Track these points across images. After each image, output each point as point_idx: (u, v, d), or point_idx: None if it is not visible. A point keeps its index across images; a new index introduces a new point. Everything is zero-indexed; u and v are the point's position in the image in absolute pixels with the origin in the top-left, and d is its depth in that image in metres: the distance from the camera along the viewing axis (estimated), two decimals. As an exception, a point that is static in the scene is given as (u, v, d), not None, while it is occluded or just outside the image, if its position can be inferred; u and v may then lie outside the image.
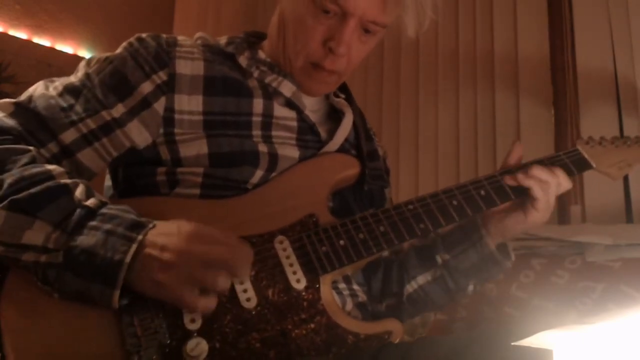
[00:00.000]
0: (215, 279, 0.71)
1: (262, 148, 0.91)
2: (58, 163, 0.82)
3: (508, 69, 2.14)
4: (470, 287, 1.01)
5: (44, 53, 2.80)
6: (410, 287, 1.03)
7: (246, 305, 0.78)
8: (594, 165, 1.00)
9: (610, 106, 1.87)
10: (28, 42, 2.78)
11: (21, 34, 2.77)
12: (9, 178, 0.74)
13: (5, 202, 0.72)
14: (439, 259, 1.01)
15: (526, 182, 0.94)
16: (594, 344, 0.52)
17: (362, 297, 0.98)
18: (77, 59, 2.90)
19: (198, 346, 0.73)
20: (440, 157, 2.28)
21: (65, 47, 2.90)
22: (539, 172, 0.95)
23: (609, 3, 1.91)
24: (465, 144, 2.22)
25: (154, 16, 3.14)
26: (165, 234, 0.72)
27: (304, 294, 0.81)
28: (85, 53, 2.95)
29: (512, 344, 0.55)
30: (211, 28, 2.95)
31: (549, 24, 2.06)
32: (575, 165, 1.00)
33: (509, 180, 0.95)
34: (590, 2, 1.95)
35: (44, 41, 2.83)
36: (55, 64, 2.80)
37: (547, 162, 0.98)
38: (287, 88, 0.97)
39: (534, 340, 0.53)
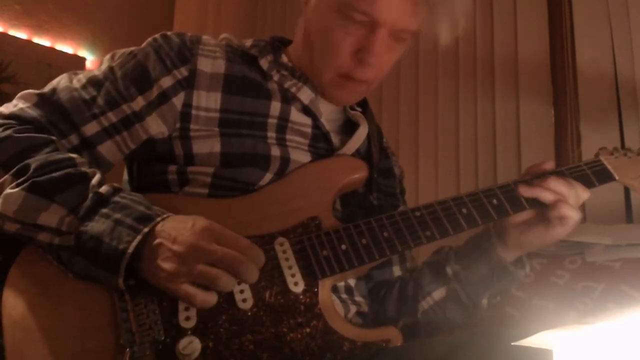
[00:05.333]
0: (217, 278, 0.72)
1: (275, 151, 0.91)
2: (78, 154, 0.84)
3: (508, 70, 2.14)
4: (485, 302, 0.97)
5: (44, 53, 2.80)
6: (425, 304, 0.99)
7: (242, 306, 0.78)
8: (617, 178, 0.96)
9: (610, 106, 1.87)
10: (28, 42, 2.78)
11: (21, 34, 2.77)
12: (34, 163, 0.77)
13: (26, 184, 0.75)
14: (449, 271, 0.97)
15: (543, 194, 0.90)
16: (594, 344, 0.52)
17: (364, 307, 0.97)
18: (77, 59, 2.90)
19: (190, 345, 0.74)
20: (440, 158, 2.28)
21: (65, 47, 2.89)
22: (556, 184, 0.90)
23: (609, 3, 1.91)
24: (465, 145, 2.22)
25: (154, 16, 3.13)
26: (179, 227, 0.74)
27: (301, 297, 0.80)
28: (85, 53, 2.94)
29: (512, 344, 0.55)
30: (211, 28, 2.94)
31: (549, 24, 2.05)
32: (597, 177, 0.95)
33: (524, 191, 0.91)
34: (591, 2, 1.95)
35: (44, 41, 2.83)
36: (55, 64, 2.80)
37: (567, 173, 0.94)
38: (305, 95, 0.97)
39: (534, 340, 0.53)
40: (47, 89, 0.89)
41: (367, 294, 1.01)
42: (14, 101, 0.88)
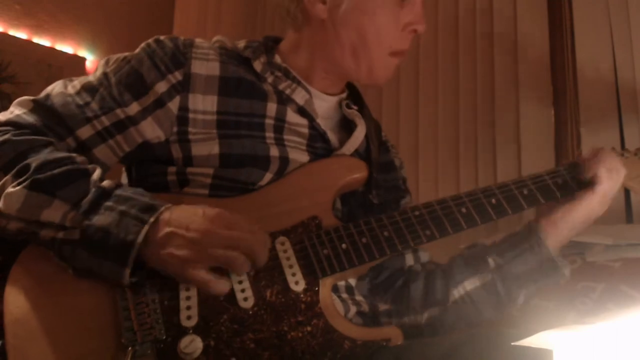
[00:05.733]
0: (234, 260, 0.74)
1: (274, 151, 0.92)
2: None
3: (508, 70, 2.14)
4: (521, 298, 0.96)
5: (44, 53, 2.80)
6: (456, 293, 0.98)
7: (243, 305, 0.78)
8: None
9: (610, 106, 1.87)
10: (28, 42, 2.77)
11: (21, 34, 2.76)
12: (34, 162, 0.78)
13: (27, 182, 0.76)
14: (491, 262, 0.96)
15: (594, 165, 0.93)
16: (594, 344, 0.52)
17: (365, 307, 0.97)
18: (77, 59, 2.90)
19: (192, 343, 0.74)
20: (440, 158, 2.28)
21: (65, 47, 2.89)
22: (607, 157, 0.94)
23: (609, 4, 1.91)
24: (465, 145, 2.22)
25: (154, 16, 3.13)
26: (189, 215, 0.76)
27: (302, 296, 0.81)
28: (85, 53, 2.94)
29: (512, 344, 0.55)
30: (211, 28, 2.94)
31: (549, 25, 2.06)
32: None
33: (576, 167, 0.94)
34: (591, 3, 1.95)
35: (44, 41, 2.83)
36: (55, 64, 2.79)
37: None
38: (300, 96, 0.98)
39: (534, 340, 0.53)
40: (41, 95, 0.90)
41: (368, 293, 1.01)
42: (10, 108, 0.89)
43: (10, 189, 0.77)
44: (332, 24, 0.97)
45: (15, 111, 0.88)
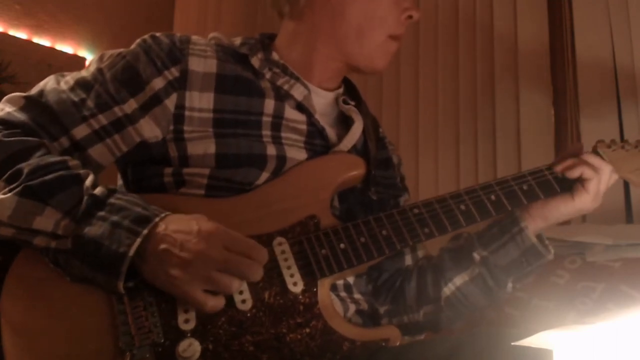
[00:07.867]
0: (229, 284, 0.73)
1: (271, 150, 0.91)
2: (69, 156, 0.83)
3: (508, 69, 2.14)
4: (510, 285, 0.97)
5: (44, 53, 2.79)
6: (447, 290, 0.99)
7: (241, 307, 0.78)
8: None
9: (610, 104, 1.87)
10: (28, 42, 2.77)
11: (21, 34, 2.76)
12: (27, 167, 0.76)
13: (19, 188, 0.75)
14: (476, 256, 0.97)
15: (577, 166, 0.92)
16: (594, 344, 0.52)
17: (363, 305, 0.97)
18: (77, 59, 2.90)
19: (190, 347, 0.74)
20: (440, 158, 2.28)
21: (65, 47, 2.89)
22: (590, 158, 0.94)
23: (609, 0, 1.91)
24: (465, 146, 2.22)
25: (154, 16, 3.13)
26: (184, 231, 0.74)
27: (300, 297, 0.80)
28: (85, 53, 2.94)
29: (512, 344, 0.55)
30: (211, 28, 2.94)
31: (548, 17, 2.06)
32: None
33: (559, 167, 0.93)
34: (590, -1, 1.96)
35: (44, 41, 2.82)
36: (55, 64, 2.79)
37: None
38: (298, 91, 0.97)
39: (534, 340, 0.53)
40: (34, 91, 0.88)
41: (366, 290, 1.01)
42: (0, 105, 0.86)
43: (1, 196, 0.75)
44: (339, 2, 0.97)
45: (5, 108, 0.85)
